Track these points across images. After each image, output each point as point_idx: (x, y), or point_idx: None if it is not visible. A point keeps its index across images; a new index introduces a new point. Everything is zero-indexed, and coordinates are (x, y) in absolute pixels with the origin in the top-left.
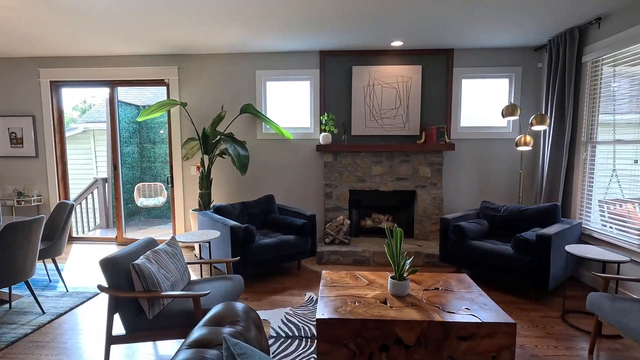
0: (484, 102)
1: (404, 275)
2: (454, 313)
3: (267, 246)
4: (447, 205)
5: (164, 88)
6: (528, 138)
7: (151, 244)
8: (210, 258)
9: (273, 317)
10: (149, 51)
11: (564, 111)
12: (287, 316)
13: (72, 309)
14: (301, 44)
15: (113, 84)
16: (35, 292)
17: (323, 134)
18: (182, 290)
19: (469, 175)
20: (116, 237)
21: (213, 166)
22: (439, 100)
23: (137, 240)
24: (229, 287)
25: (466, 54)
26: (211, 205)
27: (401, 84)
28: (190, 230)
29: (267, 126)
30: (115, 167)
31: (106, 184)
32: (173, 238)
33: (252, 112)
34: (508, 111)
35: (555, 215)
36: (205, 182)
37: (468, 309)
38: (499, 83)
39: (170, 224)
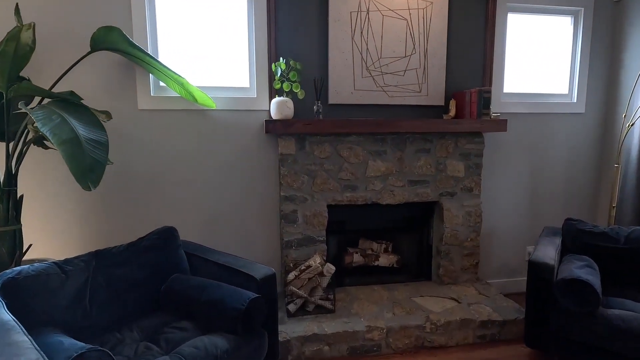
0: (537, 55)
1: None
2: None
3: None
4: (483, 223)
5: None
6: None
7: None
8: None
9: None
10: None
11: None
12: None
13: None
14: None
15: None
16: None
17: (278, 99)
18: None
19: (516, 173)
20: None
21: (22, 167)
22: (473, 47)
23: None
24: None
25: None
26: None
27: (415, 13)
28: None
29: (162, 83)
30: None
31: None
32: None
33: (121, 49)
34: None
35: None
36: (3, 205)
37: None
38: (557, 25)
39: None
